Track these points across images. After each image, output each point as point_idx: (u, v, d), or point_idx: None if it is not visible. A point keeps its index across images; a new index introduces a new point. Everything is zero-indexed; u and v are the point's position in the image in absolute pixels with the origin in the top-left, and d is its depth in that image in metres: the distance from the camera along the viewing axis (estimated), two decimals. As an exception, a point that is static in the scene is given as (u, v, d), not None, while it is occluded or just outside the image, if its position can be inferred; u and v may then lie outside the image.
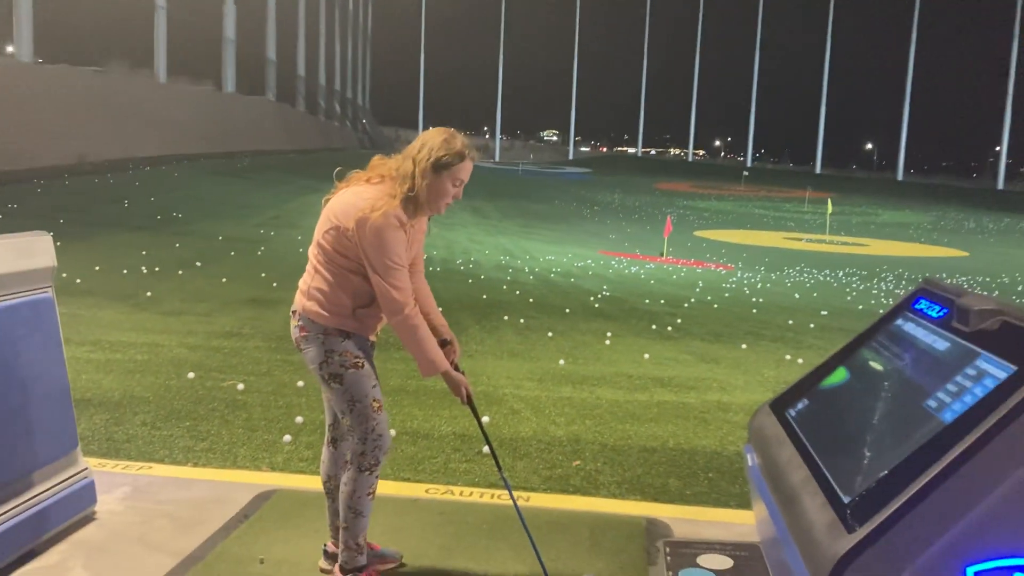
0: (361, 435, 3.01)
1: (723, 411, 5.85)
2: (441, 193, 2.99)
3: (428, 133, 3.04)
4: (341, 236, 2.93)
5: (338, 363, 2.96)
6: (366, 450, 3.01)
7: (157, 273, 11.11)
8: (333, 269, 2.97)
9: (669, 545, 3.54)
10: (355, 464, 3.03)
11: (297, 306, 3.05)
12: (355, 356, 2.99)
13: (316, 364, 2.98)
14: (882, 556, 2.18)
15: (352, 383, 2.97)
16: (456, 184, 3.01)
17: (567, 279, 14.16)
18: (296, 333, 3.04)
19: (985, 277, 20.66)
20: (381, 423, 3.03)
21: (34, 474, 3.25)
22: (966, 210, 50.55)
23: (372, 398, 3.01)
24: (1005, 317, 2.57)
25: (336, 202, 3.01)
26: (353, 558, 3.06)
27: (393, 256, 2.89)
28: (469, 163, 3.02)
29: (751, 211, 43.29)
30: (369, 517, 3.08)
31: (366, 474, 3.02)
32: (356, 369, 2.98)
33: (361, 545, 3.07)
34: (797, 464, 2.76)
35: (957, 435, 2.24)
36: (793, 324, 10.50)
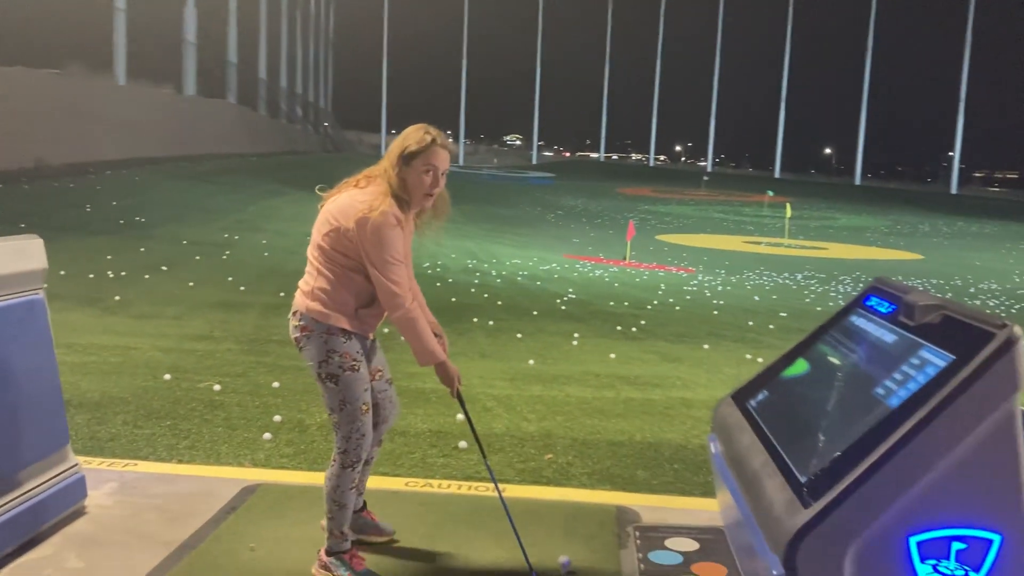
0: (346, 434, 3.18)
1: (686, 407, 6.09)
2: (417, 184, 3.12)
3: (405, 131, 3.20)
4: (341, 236, 3.08)
5: (337, 364, 3.11)
6: (349, 448, 3.19)
7: (124, 277, 11.10)
8: (335, 269, 3.12)
9: (639, 530, 3.74)
10: (339, 461, 3.20)
11: (299, 306, 3.19)
12: (353, 359, 3.14)
13: (315, 362, 3.13)
14: (835, 528, 2.39)
15: (347, 385, 3.13)
16: (427, 171, 3.12)
17: (534, 282, 14.37)
18: (296, 332, 3.19)
19: (939, 279, 21.20)
20: (366, 424, 3.20)
21: (29, 469, 3.36)
22: (921, 214, 51.60)
23: (362, 401, 3.17)
24: (946, 312, 2.81)
25: (333, 205, 3.16)
26: (338, 543, 3.23)
27: (393, 252, 3.05)
28: (439, 150, 3.14)
29: (711, 215, 43.85)
30: (352, 508, 3.25)
31: (348, 470, 3.20)
32: (353, 372, 3.13)
33: (345, 533, 3.24)
34: (757, 450, 2.98)
35: (901, 419, 2.46)
36: (753, 325, 10.80)
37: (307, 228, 13.52)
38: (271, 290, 10.86)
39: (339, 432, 3.19)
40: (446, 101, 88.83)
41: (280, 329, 8.28)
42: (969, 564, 2.46)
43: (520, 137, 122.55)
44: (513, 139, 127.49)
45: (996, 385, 2.40)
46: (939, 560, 2.45)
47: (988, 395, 2.40)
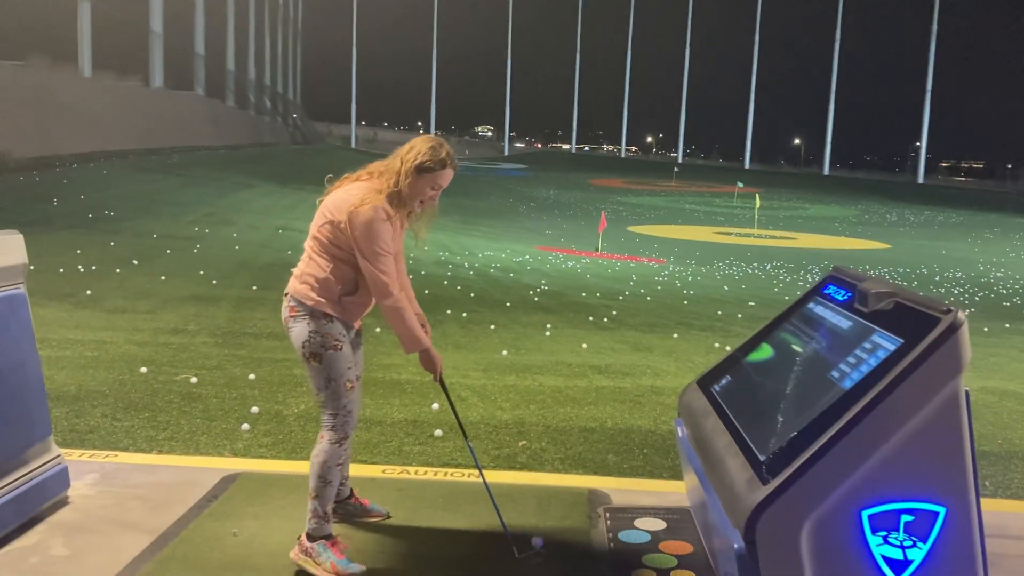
0: (333, 410, 3.32)
1: (656, 394, 6.24)
2: (419, 193, 3.31)
3: (418, 139, 3.36)
4: (335, 229, 3.24)
5: (319, 343, 3.24)
6: (336, 424, 3.32)
7: (95, 272, 11.07)
8: (328, 258, 3.28)
9: (609, 511, 3.88)
10: (327, 437, 3.33)
11: (289, 289, 3.35)
12: (335, 339, 3.28)
13: (300, 341, 3.27)
14: (792, 503, 2.54)
15: (330, 363, 3.26)
16: (434, 188, 3.33)
17: (507, 274, 14.49)
18: (285, 312, 3.33)
19: (905, 268, 21.61)
20: (352, 401, 3.34)
21: (13, 460, 3.43)
22: (888, 203, 52.38)
23: (346, 378, 3.31)
24: (898, 298, 2.96)
25: (330, 200, 3.33)
26: (321, 526, 3.31)
27: (381, 244, 3.20)
28: (450, 172, 3.34)
29: (682, 206, 44.22)
30: (336, 487, 3.36)
31: (336, 446, 3.32)
32: (335, 351, 3.27)
33: (328, 514, 3.33)
34: (720, 431, 3.12)
35: (853, 400, 2.61)
36: (722, 315, 11.00)
37: (278, 221, 13.75)
38: (243, 283, 10.89)
39: (326, 410, 3.33)
40: (416, 92, 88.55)
41: (254, 322, 8.34)
42: (917, 535, 2.62)
43: (491, 129, 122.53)
44: (484, 131, 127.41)
45: (941, 367, 2.55)
46: (889, 532, 2.61)
47: (934, 376, 2.55)
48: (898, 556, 2.62)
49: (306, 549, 3.29)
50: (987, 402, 6.50)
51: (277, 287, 3.53)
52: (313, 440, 4.80)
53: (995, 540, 3.67)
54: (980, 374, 7.60)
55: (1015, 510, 4.28)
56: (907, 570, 2.62)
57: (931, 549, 2.62)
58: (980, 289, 17.40)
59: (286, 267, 7.18)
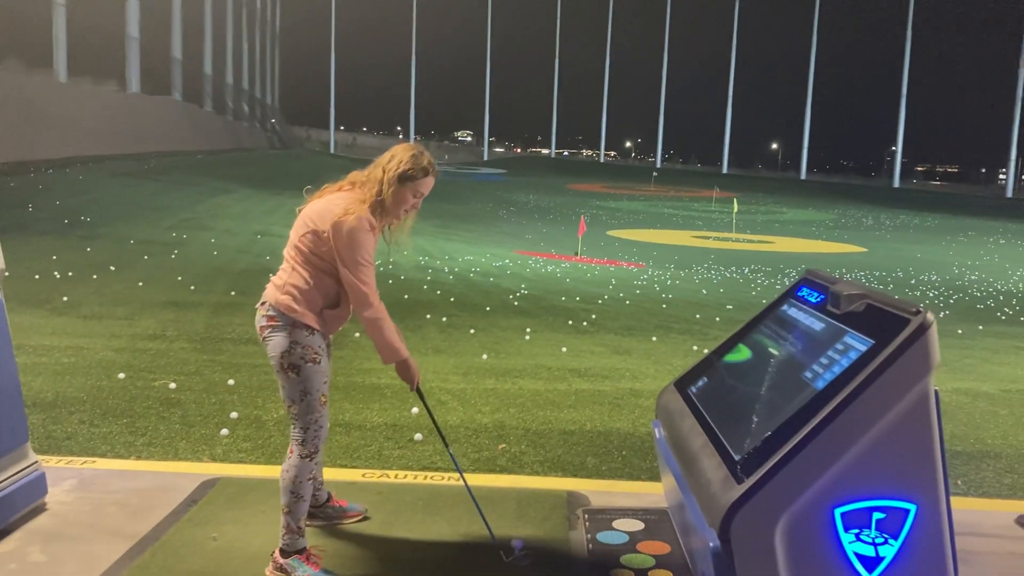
0: (304, 424, 3.29)
1: (635, 397, 6.29)
2: (401, 201, 3.33)
3: (398, 147, 3.37)
4: (318, 238, 3.24)
5: (299, 355, 3.23)
6: (307, 438, 3.30)
7: (71, 278, 10.99)
8: (310, 270, 3.27)
9: (587, 512, 3.92)
10: (296, 451, 3.30)
11: (268, 298, 3.31)
12: (315, 352, 3.27)
13: (278, 352, 3.24)
14: (766, 501, 2.58)
15: (307, 376, 3.25)
16: (416, 196, 3.36)
17: (486, 278, 14.51)
18: (263, 322, 3.30)
19: (881, 271, 21.82)
20: (324, 416, 3.32)
21: (-10, 466, 3.41)
22: (865, 208, 52.84)
23: (321, 393, 3.30)
24: (869, 300, 3.02)
25: (311, 209, 3.32)
26: (295, 540, 3.29)
27: (364, 254, 3.21)
28: (431, 179, 3.37)
29: (661, 211, 44.43)
30: (308, 502, 3.35)
31: (306, 460, 3.30)
32: (314, 364, 3.26)
33: (302, 528, 3.32)
34: (697, 432, 3.16)
35: (825, 400, 2.66)
36: (700, 318, 11.08)
37: (256, 226, 13.70)
38: (221, 289, 10.85)
39: (297, 423, 3.30)
40: (395, 97, 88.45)
41: (232, 327, 8.31)
42: (888, 532, 2.67)
43: (471, 133, 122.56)
44: (464, 135, 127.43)
45: (911, 367, 2.60)
46: (861, 529, 2.66)
47: (904, 376, 2.60)
48: (870, 553, 2.67)
49: (280, 565, 3.26)
50: (960, 403, 6.60)
51: (255, 293, 3.53)
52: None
53: (967, 538, 3.74)
54: (953, 375, 7.71)
55: (986, 508, 4.35)
56: (879, 567, 2.67)
57: (902, 546, 2.67)
58: (955, 292, 17.61)
59: (264, 272, 7.16)
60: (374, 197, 3.27)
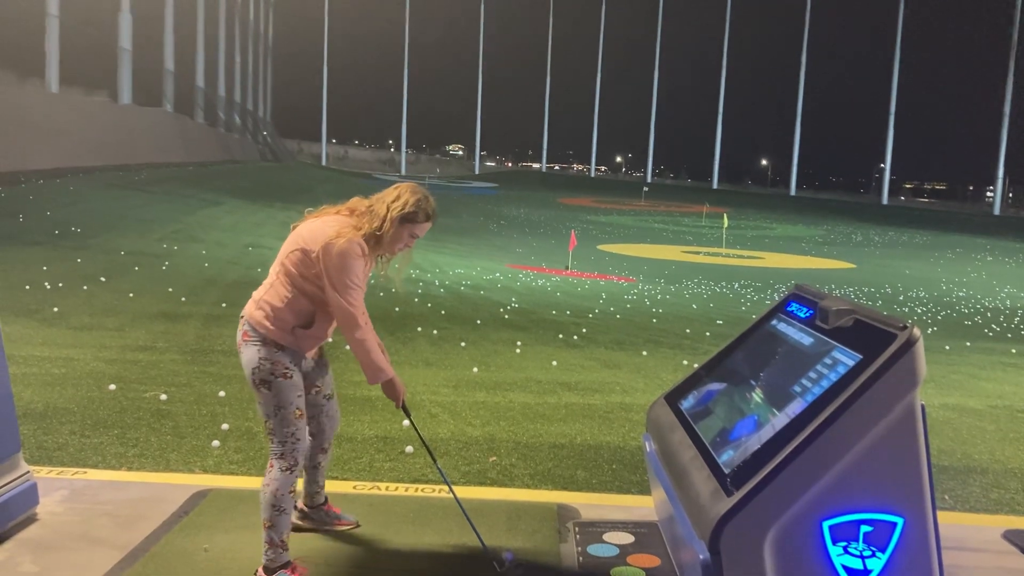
0: (281, 438, 3.31)
1: (625, 411, 6.31)
2: (397, 240, 3.38)
3: (404, 187, 3.41)
4: (306, 258, 3.26)
5: (268, 370, 3.25)
6: (285, 452, 3.31)
7: (61, 289, 10.97)
8: (289, 289, 3.30)
9: (578, 525, 3.94)
10: (276, 465, 3.31)
11: (246, 312, 3.35)
12: (285, 367, 3.28)
13: (250, 368, 3.27)
14: (755, 514, 2.62)
15: (279, 391, 3.27)
16: (412, 236, 3.41)
17: (477, 292, 14.53)
18: (239, 336, 3.34)
19: (870, 287, 21.94)
20: (300, 429, 3.33)
21: (-18, 476, 3.41)
22: (854, 224, 53.15)
23: (295, 406, 3.31)
24: (857, 315, 3.06)
25: (304, 227, 3.35)
26: (278, 555, 3.28)
27: (353, 277, 3.23)
28: (429, 225, 3.43)
29: (651, 226, 44.58)
30: (291, 515, 3.35)
31: (286, 473, 3.31)
32: (285, 379, 3.28)
33: (285, 542, 3.31)
34: (687, 445, 3.19)
35: (813, 414, 2.70)
36: (690, 333, 11.12)
37: (246, 238, 13.70)
38: (212, 300, 10.85)
39: (275, 437, 3.32)
40: (388, 111, 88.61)
41: (223, 339, 8.31)
42: (876, 545, 2.70)
43: (462, 147, 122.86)
44: (455, 149, 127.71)
45: (898, 381, 2.64)
46: (849, 542, 2.69)
47: (891, 390, 2.64)
48: (858, 566, 2.70)
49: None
50: (947, 418, 6.65)
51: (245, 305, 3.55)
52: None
53: (954, 552, 3.78)
54: (941, 391, 7.77)
55: (973, 523, 4.39)
56: (867, 580, 2.70)
57: (889, 559, 2.71)
58: (943, 308, 17.73)
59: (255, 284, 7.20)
60: (372, 229, 3.30)
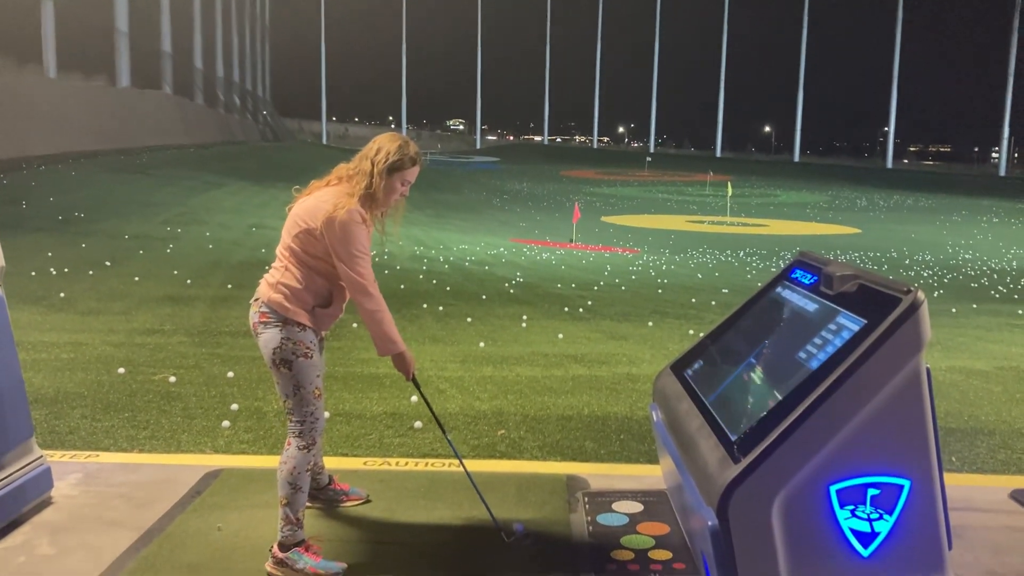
0: (300, 417, 3.33)
1: (632, 382, 6.34)
2: (391, 192, 3.36)
3: (383, 138, 3.38)
4: (310, 237, 3.26)
5: (291, 350, 3.27)
6: (304, 431, 3.33)
7: (67, 274, 11.01)
8: (302, 269, 3.30)
9: (587, 496, 3.97)
10: (294, 444, 3.33)
11: (261, 295, 3.34)
12: (307, 347, 3.30)
13: (270, 348, 3.28)
14: (763, 480, 2.63)
15: (300, 370, 3.29)
16: (404, 184, 3.38)
17: (481, 267, 14.54)
18: (255, 318, 3.34)
19: (876, 252, 21.89)
20: (319, 408, 3.37)
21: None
22: (858, 189, 52.92)
23: (315, 386, 3.34)
24: (861, 281, 3.06)
25: (300, 207, 3.34)
26: (294, 532, 3.30)
27: (358, 246, 3.23)
28: (417, 168, 3.40)
29: (655, 196, 44.45)
30: (307, 493, 3.36)
31: (304, 452, 3.33)
32: (306, 358, 3.29)
33: (300, 520, 3.32)
34: (694, 414, 3.21)
35: (819, 379, 2.71)
36: (696, 302, 11.13)
37: (250, 219, 13.69)
38: (218, 283, 10.87)
39: (293, 416, 3.34)
40: (387, 87, 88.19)
41: (230, 320, 8.34)
42: (883, 507, 2.72)
43: (463, 122, 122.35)
44: (456, 124, 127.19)
45: (903, 345, 2.65)
46: (856, 505, 2.71)
47: (896, 354, 2.65)
48: (865, 529, 2.72)
49: (280, 560, 3.26)
50: (954, 381, 6.66)
51: (252, 286, 3.55)
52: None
53: (961, 513, 3.80)
54: (947, 354, 7.78)
55: (980, 484, 4.41)
56: (874, 542, 2.73)
57: (897, 521, 2.73)
58: (949, 271, 17.69)
59: (260, 265, 7.19)
60: (364, 190, 3.29)
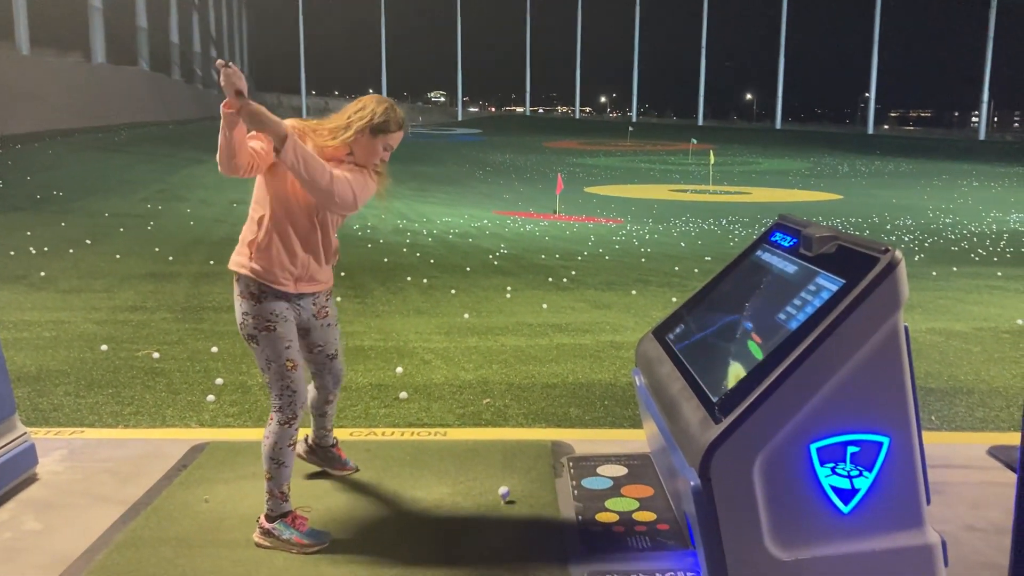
0: (278, 391, 3.22)
1: (615, 349, 6.37)
2: (372, 153, 3.24)
3: (368, 98, 3.26)
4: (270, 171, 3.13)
5: (252, 325, 3.16)
6: (283, 405, 3.23)
7: (47, 253, 10.92)
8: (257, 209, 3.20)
9: (572, 460, 4.00)
10: (275, 419, 3.25)
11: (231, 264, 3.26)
12: (267, 320, 3.15)
13: (238, 324, 3.21)
14: (744, 440, 2.66)
15: (267, 344, 3.16)
16: (386, 149, 3.26)
17: (465, 239, 14.52)
18: None
19: (857, 218, 22.00)
20: (295, 381, 3.22)
21: (-21, 439, 3.44)
22: (840, 155, 53.03)
23: (286, 359, 3.19)
24: (840, 242, 3.08)
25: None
26: (278, 505, 3.27)
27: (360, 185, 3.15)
28: (401, 134, 3.27)
29: (638, 166, 44.39)
30: (291, 467, 3.30)
31: (285, 427, 3.24)
32: (268, 331, 3.15)
33: (285, 493, 3.28)
34: (675, 377, 3.23)
35: (798, 339, 2.73)
36: (679, 270, 11.17)
37: (231, 195, 13.58)
38: (200, 259, 10.82)
39: (272, 390, 3.25)
40: (367, 59, 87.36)
41: (213, 296, 8.32)
42: (863, 464, 2.76)
43: (444, 94, 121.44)
44: (437, 96, 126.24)
45: (881, 304, 2.67)
46: (836, 463, 2.74)
47: (874, 313, 2.67)
48: (846, 486, 2.76)
49: (267, 530, 3.24)
50: (934, 342, 6.73)
51: (235, 261, 3.51)
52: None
53: (940, 469, 3.86)
54: (928, 316, 7.86)
55: (958, 441, 4.48)
56: (854, 498, 2.77)
57: (876, 477, 2.77)
58: (929, 235, 17.81)
59: (243, 239, 6.87)
60: (342, 143, 3.18)
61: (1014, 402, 5.16)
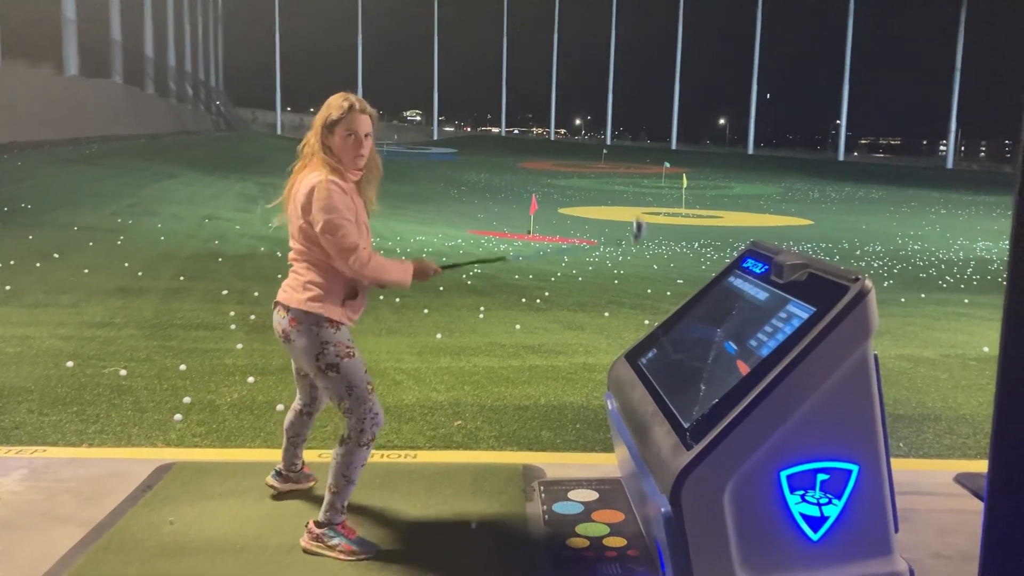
0: (360, 415, 3.29)
1: (588, 371, 6.37)
2: (342, 148, 3.25)
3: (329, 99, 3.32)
4: (307, 227, 3.21)
5: (333, 353, 3.23)
6: (365, 427, 3.30)
7: (13, 267, 10.75)
8: (322, 265, 3.25)
9: (543, 484, 3.98)
10: (355, 440, 3.31)
11: (286, 301, 3.28)
12: (347, 346, 3.26)
13: (312, 355, 3.23)
14: (715, 466, 2.66)
15: (348, 371, 3.25)
16: (349, 136, 3.24)
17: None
18: (284, 324, 3.27)
19: (827, 243, 22.22)
20: (376, 403, 3.34)
21: (-63, 458, 3.35)
22: (811, 181, 53.66)
23: (366, 382, 3.31)
24: (811, 269, 3.11)
25: (292, 205, 3.29)
26: (336, 515, 3.34)
27: (338, 212, 3.14)
28: (359, 116, 3.26)
29: (612, 188, 44.64)
30: (355, 483, 3.37)
31: (364, 448, 3.32)
32: (350, 358, 3.26)
33: (344, 506, 3.37)
34: (648, 402, 3.23)
35: (769, 367, 2.75)
36: (651, 292, 11.21)
37: (203, 210, 13.50)
38: (170, 275, 10.69)
39: (352, 417, 3.30)
40: (342, 77, 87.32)
41: (182, 313, 8.21)
42: (832, 492, 2.77)
43: (420, 113, 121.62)
44: (413, 115, 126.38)
45: (851, 333, 2.70)
46: (806, 490, 2.76)
47: (844, 341, 2.70)
48: (815, 513, 2.77)
49: (317, 535, 3.30)
50: (902, 368, 6.80)
51: (205, 277, 3.50)
52: (248, 429, 4.81)
53: (908, 496, 3.89)
54: (896, 342, 7.93)
55: (926, 468, 4.51)
56: (824, 526, 2.78)
57: (846, 505, 2.78)
58: (898, 262, 18.03)
59: (213, 257, 7.05)
60: (323, 157, 3.24)
61: (980, 429, 5.22)
